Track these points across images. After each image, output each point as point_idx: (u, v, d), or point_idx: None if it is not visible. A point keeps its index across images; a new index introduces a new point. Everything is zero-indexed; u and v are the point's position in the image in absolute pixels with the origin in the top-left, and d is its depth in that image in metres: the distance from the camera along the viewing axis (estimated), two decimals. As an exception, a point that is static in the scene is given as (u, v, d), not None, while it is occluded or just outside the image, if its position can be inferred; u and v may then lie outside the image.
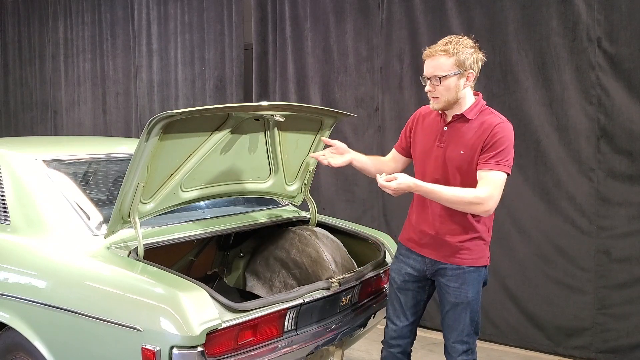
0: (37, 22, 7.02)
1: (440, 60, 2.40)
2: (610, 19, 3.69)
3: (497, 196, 2.37)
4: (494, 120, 2.43)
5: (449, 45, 2.39)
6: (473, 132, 2.43)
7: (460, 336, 2.54)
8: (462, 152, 2.44)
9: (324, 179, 4.90)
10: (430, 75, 2.43)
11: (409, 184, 2.32)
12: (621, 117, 3.70)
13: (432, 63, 2.42)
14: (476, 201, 2.35)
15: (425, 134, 2.59)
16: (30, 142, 3.68)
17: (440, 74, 2.40)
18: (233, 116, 2.64)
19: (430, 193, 2.38)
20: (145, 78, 6.05)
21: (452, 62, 2.38)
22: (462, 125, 2.47)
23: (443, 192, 2.37)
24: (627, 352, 3.75)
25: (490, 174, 2.37)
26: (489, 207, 2.36)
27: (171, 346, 2.12)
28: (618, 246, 3.76)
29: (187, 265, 3.31)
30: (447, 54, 2.39)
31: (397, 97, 4.52)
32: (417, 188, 2.35)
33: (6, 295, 2.58)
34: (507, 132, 2.41)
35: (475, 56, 2.42)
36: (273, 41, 5.10)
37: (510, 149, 2.41)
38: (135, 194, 2.45)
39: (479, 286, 2.55)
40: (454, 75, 2.39)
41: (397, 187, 2.31)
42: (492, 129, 2.40)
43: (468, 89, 2.47)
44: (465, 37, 2.46)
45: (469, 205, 2.37)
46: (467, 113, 2.46)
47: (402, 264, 2.67)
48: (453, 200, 2.38)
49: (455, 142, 2.47)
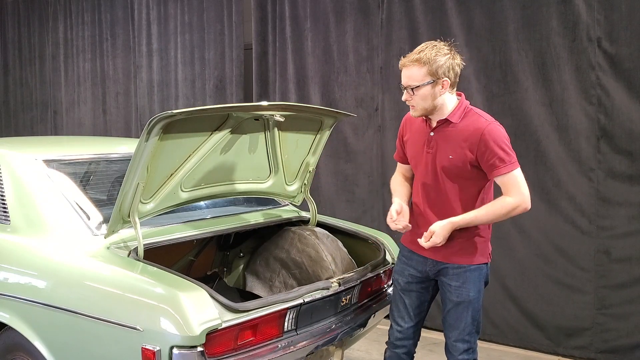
0: (37, 22, 7.01)
1: (412, 70, 2.40)
2: (610, 19, 3.69)
3: (526, 192, 2.43)
4: (481, 124, 2.42)
5: (422, 54, 2.39)
6: (460, 135, 2.44)
7: (461, 335, 2.55)
8: (451, 156, 2.45)
9: (324, 179, 4.90)
10: (405, 85, 2.44)
11: (447, 227, 2.39)
12: (621, 117, 3.70)
13: (406, 73, 2.43)
14: (513, 207, 2.41)
15: (414, 140, 2.61)
16: (30, 142, 3.69)
17: (413, 84, 2.40)
18: (233, 116, 2.64)
19: (470, 222, 2.43)
20: (145, 78, 6.05)
21: (424, 72, 2.38)
22: (448, 130, 2.47)
23: (480, 216, 2.43)
24: (627, 352, 3.75)
25: (507, 178, 2.41)
26: (527, 205, 2.43)
27: (171, 346, 2.12)
28: (618, 246, 3.76)
29: (187, 265, 3.31)
30: (419, 64, 2.38)
31: (397, 97, 4.51)
32: (456, 225, 2.41)
33: (6, 295, 2.58)
34: (498, 132, 2.41)
35: (450, 62, 2.40)
36: (273, 41, 5.10)
37: (509, 145, 2.42)
38: (135, 194, 2.45)
39: (480, 285, 2.56)
40: (427, 85, 2.39)
41: (442, 239, 2.38)
42: (481, 134, 2.39)
43: (447, 94, 2.45)
44: (440, 42, 2.44)
45: (509, 214, 2.44)
46: (451, 117, 2.46)
47: (405, 265, 2.67)
48: (492, 219, 2.46)
49: (443, 147, 2.48)
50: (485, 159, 2.39)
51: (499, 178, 2.42)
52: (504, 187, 2.42)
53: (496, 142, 2.38)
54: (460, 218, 2.41)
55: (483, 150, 2.39)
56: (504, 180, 2.41)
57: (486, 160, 2.39)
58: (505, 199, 2.41)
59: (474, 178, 2.47)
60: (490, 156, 2.38)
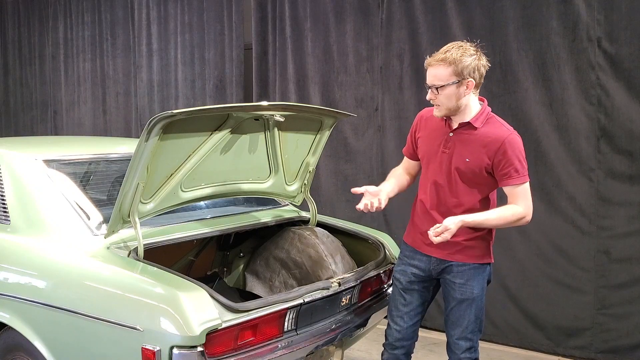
0: (37, 22, 7.01)
1: (438, 70, 2.41)
2: (610, 19, 3.69)
3: (531, 205, 2.49)
4: (503, 133, 2.45)
5: (448, 54, 2.40)
6: (480, 141, 2.46)
7: (464, 333, 2.55)
8: (468, 160, 2.46)
9: (324, 179, 4.90)
10: (430, 84, 2.45)
11: (457, 223, 2.37)
12: (621, 117, 3.70)
13: (431, 72, 2.44)
14: (521, 217, 2.46)
15: (430, 138, 2.61)
16: (30, 142, 3.69)
17: (439, 83, 2.41)
18: (233, 116, 2.64)
19: (480, 224, 2.46)
20: (145, 78, 6.05)
21: (450, 72, 2.39)
22: (468, 133, 2.48)
23: (490, 219, 2.46)
24: (627, 352, 3.75)
25: (518, 189, 2.45)
26: (530, 217, 2.49)
27: (171, 346, 2.12)
28: (618, 246, 3.76)
29: (187, 265, 3.31)
30: (445, 64, 2.39)
31: (397, 97, 4.52)
32: (467, 224, 2.41)
33: (6, 295, 2.57)
34: (518, 144, 2.46)
35: (475, 63, 2.41)
36: (273, 41, 5.10)
37: (524, 157, 2.47)
38: (135, 194, 2.45)
39: (483, 283, 2.58)
40: (452, 85, 2.40)
41: (450, 234, 2.35)
42: (502, 143, 2.42)
43: (472, 95, 2.46)
44: (467, 43, 2.46)
45: (515, 223, 2.49)
46: (474, 122, 2.47)
47: (408, 265, 2.67)
48: (500, 224, 2.50)
49: (460, 150, 2.49)
50: (501, 167, 2.43)
51: (510, 188, 2.45)
52: (512, 197, 2.46)
53: (514, 153, 2.42)
54: (472, 218, 2.42)
55: (500, 159, 2.42)
56: (515, 190, 2.45)
57: (502, 168, 2.43)
58: (515, 207, 2.45)
59: (485, 184, 2.50)
60: (507, 165, 2.42)
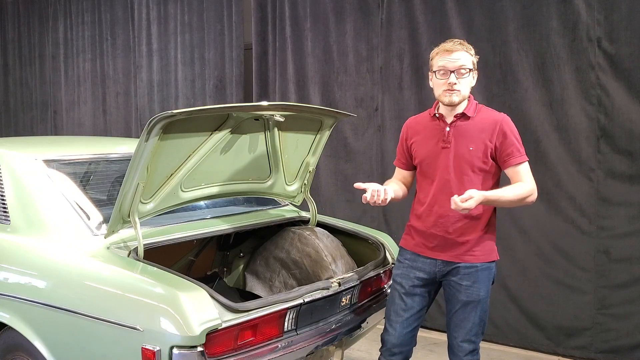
0: (37, 22, 7.01)
1: (463, 54, 2.51)
2: (610, 19, 3.69)
3: (534, 183, 2.54)
4: (497, 116, 2.55)
5: (464, 45, 2.53)
6: (477, 127, 2.53)
7: (468, 335, 2.55)
8: (472, 147, 2.51)
9: (324, 179, 4.90)
10: (458, 67, 2.49)
11: (480, 198, 2.37)
12: (621, 117, 3.70)
13: (457, 56, 2.49)
14: (530, 192, 2.50)
15: (426, 139, 2.62)
16: (30, 142, 3.68)
17: (468, 65, 2.50)
18: (233, 116, 2.64)
19: (498, 199, 2.47)
20: (145, 78, 6.05)
21: (470, 59, 2.52)
22: (465, 124, 2.54)
23: (507, 195, 2.47)
24: (627, 352, 3.75)
25: (521, 167, 2.51)
26: (536, 195, 2.54)
27: (171, 346, 2.12)
28: (618, 246, 3.76)
29: (187, 265, 3.31)
30: (466, 49, 2.52)
31: (397, 97, 4.52)
32: (488, 198, 2.42)
33: (6, 295, 2.58)
34: (512, 124, 2.55)
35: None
36: (273, 41, 5.10)
37: (520, 137, 2.55)
38: (135, 194, 2.45)
39: (489, 284, 2.58)
40: (471, 71, 2.53)
41: (475, 204, 2.34)
42: (499, 124, 2.51)
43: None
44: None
45: (525, 200, 2.50)
46: (468, 111, 2.55)
47: (410, 268, 2.64)
48: (515, 200, 2.49)
49: (461, 141, 2.53)
50: (504, 147, 2.49)
51: (513, 168, 2.51)
52: (517, 176, 2.51)
53: (512, 133, 2.52)
54: (491, 193, 2.44)
55: (502, 140, 2.50)
56: (518, 169, 2.51)
57: (505, 148, 2.49)
58: (523, 184, 2.50)
59: (491, 171, 2.54)
60: (509, 145, 2.49)
